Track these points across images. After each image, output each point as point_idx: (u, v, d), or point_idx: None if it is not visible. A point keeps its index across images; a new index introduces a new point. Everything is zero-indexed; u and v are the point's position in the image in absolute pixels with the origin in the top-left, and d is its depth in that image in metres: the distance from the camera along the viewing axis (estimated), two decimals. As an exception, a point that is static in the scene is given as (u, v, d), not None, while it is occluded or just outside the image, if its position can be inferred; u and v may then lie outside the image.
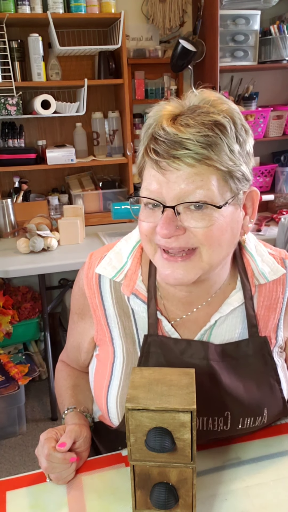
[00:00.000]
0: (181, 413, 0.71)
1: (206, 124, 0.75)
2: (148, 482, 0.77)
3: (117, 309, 0.95)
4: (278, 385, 0.92)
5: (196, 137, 0.73)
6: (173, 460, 0.74)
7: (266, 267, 0.93)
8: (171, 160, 0.74)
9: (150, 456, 0.74)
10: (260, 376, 0.91)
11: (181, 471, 0.76)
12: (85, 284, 0.97)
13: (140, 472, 0.77)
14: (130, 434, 0.74)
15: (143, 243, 0.86)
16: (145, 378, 0.78)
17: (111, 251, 0.97)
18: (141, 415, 0.72)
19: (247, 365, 0.91)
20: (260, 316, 0.94)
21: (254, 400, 0.90)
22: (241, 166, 0.78)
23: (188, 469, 0.75)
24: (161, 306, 0.94)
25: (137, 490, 0.78)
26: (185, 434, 0.72)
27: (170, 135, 0.74)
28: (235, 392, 0.89)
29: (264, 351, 0.92)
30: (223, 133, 0.75)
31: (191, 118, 0.75)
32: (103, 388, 0.96)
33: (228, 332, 0.92)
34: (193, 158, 0.74)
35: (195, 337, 0.93)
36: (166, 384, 0.76)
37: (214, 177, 0.76)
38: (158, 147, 0.75)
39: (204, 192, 0.75)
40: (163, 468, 0.76)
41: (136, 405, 0.72)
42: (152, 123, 0.79)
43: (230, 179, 0.77)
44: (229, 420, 0.89)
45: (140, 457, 0.75)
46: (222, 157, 0.75)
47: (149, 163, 0.79)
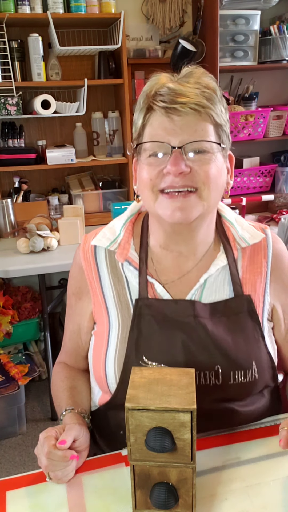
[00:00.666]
0: (181, 413, 0.71)
1: (202, 84, 0.89)
2: (148, 482, 0.77)
3: (112, 277, 1.02)
4: (263, 340, 0.99)
5: (196, 90, 0.87)
6: (173, 460, 0.74)
7: (246, 233, 1.04)
8: (179, 105, 0.85)
9: (150, 456, 0.75)
10: (246, 331, 0.98)
11: (181, 471, 0.76)
12: (82, 258, 1.06)
13: (140, 472, 0.77)
14: (130, 434, 0.74)
15: (143, 192, 0.94)
16: (145, 378, 0.78)
17: (105, 227, 1.08)
18: (141, 415, 0.72)
19: (234, 322, 0.98)
20: (246, 279, 1.02)
21: (242, 354, 0.96)
22: (226, 126, 0.93)
23: (188, 469, 0.75)
24: (153, 271, 1.02)
25: (137, 490, 0.78)
26: (185, 434, 0.72)
27: (174, 89, 0.87)
28: (223, 346, 0.95)
29: (249, 308, 1.00)
30: (215, 93, 0.90)
31: (190, 80, 0.89)
32: (101, 356, 1.01)
33: (217, 292, 1.00)
34: (197, 104, 0.86)
35: (186, 297, 1.00)
36: (166, 384, 0.76)
37: (211, 126, 0.89)
38: (165, 98, 0.87)
39: (205, 135, 0.88)
40: (163, 468, 0.76)
41: (136, 405, 0.72)
42: (153, 85, 0.90)
43: (221, 132, 0.91)
44: (220, 374, 0.94)
45: (140, 457, 0.75)
46: (217, 110, 0.89)
47: (155, 115, 0.89)
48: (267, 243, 1.04)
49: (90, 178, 2.93)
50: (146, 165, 0.91)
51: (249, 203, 2.79)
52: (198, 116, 0.87)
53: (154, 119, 0.89)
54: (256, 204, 2.86)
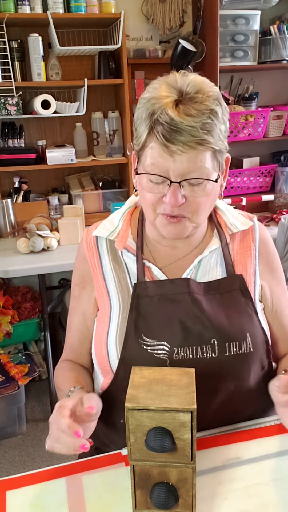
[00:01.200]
0: (181, 413, 0.71)
1: (205, 113, 0.89)
2: (148, 482, 0.77)
3: (112, 264, 1.09)
4: (256, 316, 1.05)
5: (198, 125, 0.88)
6: (173, 460, 0.74)
7: (236, 221, 1.11)
8: (180, 146, 0.88)
9: (150, 456, 0.74)
10: (239, 306, 1.04)
11: (181, 471, 0.75)
12: (86, 248, 1.12)
13: (140, 472, 0.76)
14: (130, 434, 0.74)
15: (147, 211, 1.01)
16: (145, 378, 0.78)
17: (104, 220, 1.14)
18: (141, 415, 0.72)
19: (227, 298, 1.04)
20: (237, 261, 1.09)
21: (236, 326, 1.00)
22: (225, 141, 0.95)
23: (188, 469, 0.75)
24: (150, 257, 1.09)
25: (137, 490, 0.78)
26: (185, 434, 0.72)
27: (177, 122, 0.88)
28: (218, 320, 1.00)
29: (241, 286, 1.06)
30: (216, 119, 0.91)
31: (192, 107, 0.89)
32: (103, 336, 1.05)
33: (210, 273, 1.07)
34: (197, 143, 0.89)
35: (182, 276, 1.06)
36: (166, 384, 0.76)
37: (209, 154, 0.92)
38: (166, 133, 0.88)
39: (202, 169, 0.92)
40: (163, 468, 0.76)
41: (136, 405, 0.72)
42: (157, 109, 0.90)
43: (218, 154, 0.95)
44: (216, 347, 0.98)
45: (140, 457, 0.75)
46: (216, 139, 0.91)
47: (155, 145, 0.91)
48: (254, 228, 1.12)
49: (90, 178, 2.93)
50: (148, 191, 0.97)
51: (249, 203, 2.79)
52: (197, 151, 0.89)
53: (155, 147, 0.91)
54: (256, 204, 2.86)
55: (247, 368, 1.01)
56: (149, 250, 1.09)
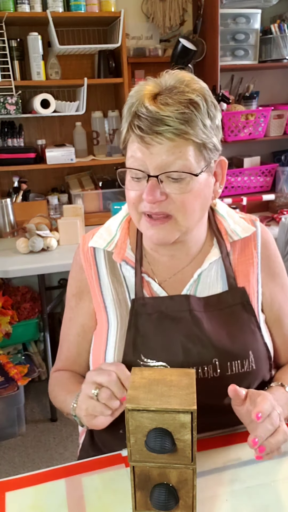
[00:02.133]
0: (181, 413, 0.71)
1: (183, 103, 0.85)
2: (148, 483, 0.76)
3: (110, 277, 1.04)
4: (259, 331, 1.01)
5: (175, 114, 0.84)
6: (173, 461, 0.74)
7: (238, 227, 1.05)
8: (154, 136, 0.85)
9: (150, 457, 0.74)
10: (242, 322, 1.00)
11: (181, 472, 0.75)
12: (83, 258, 1.07)
13: (140, 473, 0.76)
14: (130, 435, 0.73)
15: (129, 211, 0.97)
16: (145, 379, 0.77)
17: (101, 228, 1.09)
18: (141, 416, 0.72)
19: (229, 314, 1.00)
20: (239, 272, 1.04)
21: (238, 344, 0.97)
22: (212, 138, 0.90)
23: (189, 470, 0.74)
24: (149, 270, 1.04)
25: (137, 491, 0.77)
26: (186, 435, 0.72)
27: (152, 112, 0.85)
28: (220, 338, 0.96)
29: (243, 300, 1.01)
30: (197, 110, 0.86)
31: (169, 97, 0.86)
32: (100, 355, 1.01)
33: (211, 287, 1.02)
34: (173, 133, 0.84)
35: (182, 292, 1.02)
36: (166, 385, 0.76)
37: (191, 148, 0.87)
38: (142, 124, 0.85)
39: (183, 162, 0.87)
40: (163, 469, 0.75)
41: (136, 406, 0.71)
42: (135, 102, 0.88)
43: (204, 150, 0.89)
44: (218, 367, 0.95)
45: (140, 458, 0.75)
46: (197, 131, 0.86)
47: (133, 137, 0.89)
48: (256, 234, 1.07)
49: (89, 178, 2.93)
50: (129, 189, 0.93)
51: (250, 202, 2.79)
52: (175, 142, 0.85)
53: (133, 140, 0.89)
54: (257, 204, 2.86)
55: (249, 385, 0.97)
56: (148, 262, 1.04)
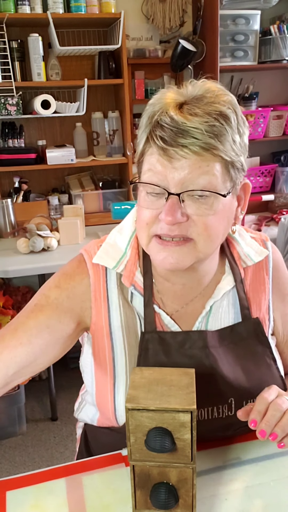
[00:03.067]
0: (181, 413, 0.71)
1: (212, 114, 0.76)
2: (148, 482, 0.77)
3: (121, 299, 0.93)
4: (274, 363, 0.95)
5: (204, 126, 0.75)
6: (173, 460, 0.74)
7: (251, 250, 0.97)
8: (179, 149, 0.75)
9: (150, 456, 0.74)
10: (257, 356, 0.93)
11: (181, 471, 0.75)
12: (92, 274, 0.92)
13: (140, 472, 0.76)
14: (130, 434, 0.74)
15: (139, 231, 0.86)
16: (145, 378, 0.78)
17: (105, 242, 0.95)
18: (141, 415, 0.72)
19: (243, 347, 0.93)
20: (251, 299, 0.96)
21: (254, 381, 0.91)
22: (240, 157, 0.81)
23: (188, 469, 0.75)
24: (159, 300, 0.94)
25: (137, 490, 0.77)
26: (185, 434, 0.72)
27: (177, 123, 0.75)
28: (236, 377, 0.91)
29: (258, 331, 0.94)
30: (228, 124, 0.77)
31: (197, 107, 0.76)
32: (108, 389, 0.94)
33: (223, 318, 0.94)
34: (200, 147, 0.75)
35: (193, 327, 0.94)
36: (166, 384, 0.76)
37: (218, 164, 0.77)
38: (165, 135, 0.75)
39: (209, 178, 0.77)
40: (163, 468, 0.76)
41: (136, 405, 0.72)
42: (157, 110, 0.78)
43: (231, 169, 0.79)
44: (233, 406, 0.91)
45: (140, 457, 0.75)
46: (227, 147, 0.77)
47: (153, 150, 0.78)
48: (269, 257, 0.99)
49: (90, 178, 2.93)
50: (144, 207, 0.82)
51: (249, 203, 2.75)
52: (202, 157, 0.75)
53: (153, 153, 0.78)
54: (256, 204, 2.86)
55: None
56: (157, 290, 0.94)
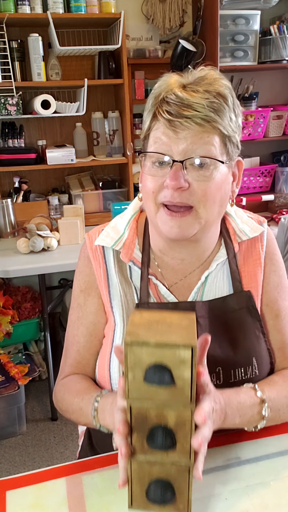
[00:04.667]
0: (181, 349, 0.69)
1: (212, 93, 0.86)
2: (145, 424, 0.74)
3: (119, 276, 1.01)
4: (263, 336, 1.00)
5: (205, 102, 0.84)
6: (171, 400, 0.72)
7: (246, 227, 1.04)
8: (183, 120, 0.84)
9: (148, 394, 0.72)
10: (246, 328, 0.98)
11: (179, 414, 0.72)
12: (91, 255, 1.03)
13: (137, 413, 0.73)
14: (128, 371, 0.71)
15: (146, 202, 0.94)
16: (144, 319, 0.76)
17: (107, 226, 1.05)
18: (140, 350, 0.70)
19: (233, 319, 0.98)
20: (245, 272, 1.02)
21: (242, 351, 0.95)
22: (236, 134, 0.90)
23: (187, 411, 0.72)
24: (157, 273, 1.01)
25: (133, 433, 0.74)
26: (185, 372, 0.70)
27: (182, 99, 0.85)
28: (223, 346, 0.95)
29: (249, 304, 0.99)
30: (226, 102, 0.87)
31: (199, 86, 0.87)
32: (106, 356, 0.99)
33: (218, 289, 1.00)
34: (202, 119, 0.84)
35: (189, 297, 1.00)
36: (166, 324, 0.74)
37: (217, 137, 0.87)
38: (171, 108, 0.85)
39: (209, 148, 0.86)
40: (161, 409, 0.73)
41: (136, 339, 0.69)
42: (163, 89, 0.88)
43: (228, 143, 0.89)
44: (221, 375, 0.94)
45: (138, 396, 0.72)
46: (225, 122, 0.86)
47: (160, 123, 0.87)
48: (263, 235, 1.05)
49: (90, 178, 2.93)
50: (149, 176, 0.90)
51: (249, 203, 2.79)
52: (203, 128, 0.85)
53: (159, 127, 0.87)
54: (256, 204, 2.86)
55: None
56: (157, 264, 1.01)
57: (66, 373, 1.06)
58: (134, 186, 2.77)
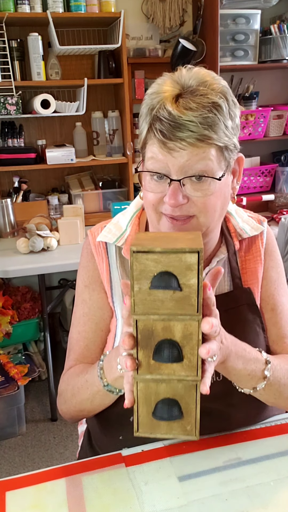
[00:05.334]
0: (187, 254, 0.68)
1: (206, 106, 0.84)
2: (152, 339, 0.73)
3: (121, 272, 1.03)
4: (263, 332, 1.01)
5: (198, 119, 0.82)
6: (178, 311, 0.70)
7: (247, 226, 1.05)
8: (177, 142, 0.83)
9: (153, 307, 0.71)
10: (246, 324, 0.99)
11: (186, 325, 0.71)
12: (94, 251, 1.05)
13: (144, 328, 0.72)
14: (134, 282, 0.70)
15: (148, 211, 0.95)
16: (149, 236, 0.76)
17: (109, 223, 1.07)
18: (146, 258, 0.69)
19: (233, 314, 0.98)
20: (245, 269, 1.03)
21: None
22: (233, 138, 0.89)
23: (194, 322, 0.71)
24: None
25: (139, 350, 0.73)
26: (192, 279, 0.69)
27: (174, 117, 0.83)
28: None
29: (249, 301, 1.01)
30: (220, 113, 0.85)
31: (192, 100, 0.84)
32: (109, 349, 1.01)
33: (218, 285, 1.00)
34: (196, 139, 0.83)
35: None
36: (172, 238, 0.74)
37: (213, 150, 0.85)
38: (164, 128, 0.84)
39: (205, 163, 0.85)
40: (167, 322, 0.71)
41: (141, 247, 0.69)
42: (156, 104, 0.86)
43: (225, 152, 0.88)
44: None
45: (144, 310, 0.71)
46: (220, 135, 0.85)
47: (155, 140, 0.87)
48: (264, 233, 1.07)
49: (90, 178, 2.93)
50: (149, 190, 0.91)
51: (249, 203, 2.79)
52: (198, 146, 0.84)
53: (154, 142, 0.87)
54: (257, 204, 2.86)
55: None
56: None
57: (70, 363, 1.07)
58: (134, 186, 2.77)
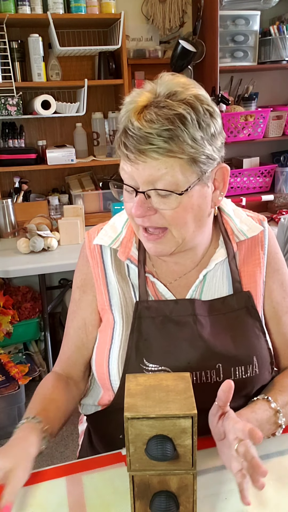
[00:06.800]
0: (182, 419, 0.69)
1: (168, 118, 0.81)
2: (148, 491, 0.75)
3: (117, 275, 1.03)
4: (264, 336, 1.00)
5: (157, 131, 0.80)
6: (173, 468, 0.72)
7: (245, 226, 1.03)
8: (138, 155, 0.82)
9: (150, 465, 0.72)
10: (246, 327, 0.98)
11: (181, 478, 0.74)
12: (89, 255, 1.05)
13: (140, 482, 0.74)
14: (130, 444, 0.71)
15: (130, 220, 0.96)
16: (140, 385, 0.76)
17: (106, 225, 1.07)
18: (141, 424, 0.70)
19: (233, 318, 0.98)
20: (244, 273, 1.02)
21: (242, 349, 0.96)
22: (204, 149, 0.84)
23: (189, 475, 0.73)
24: (153, 272, 1.02)
25: (136, 500, 0.75)
26: (186, 440, 0.71)
27: (135, 129, 0.82)
28: (224, 343, 0.95)
29: (248, 304, 1.00)
30: (184, 124, 0.81)
31: (155, 112, 0.82)
32: (105, 353, 1.01)
33: (217, 288, 1.00)
34: (156, 152, 0.81)
35: (187, 295, 1.00)
36: (163, 390, 0.74)
37: (177, 164, 0.83)
38: (128, 141, 0.83)
39: (169, 179, 0.83)
40: (163, 476, 0.74)
41: (135, 414, 0.69)
42: (123, 114, 0.86)
43: (193, 164, 0.84)
44: (221, 372, 0.94)
45: (140, 467, 0.73)
46: (184, 147, 0.82)
47: (121, 152, 0.87)
48: (264, 233, 1.05)
49: (90, 178, 2.93)
50: (124, 198, 0.92)
51: (249, 203, 2.79)
52: (158, 161, 0.82)
53: (121, 153, 0.87)
54: (256, 204, 2.87)
55: (252, 390, 0.98)
56: (152, 264, 1.03)
57: (56, 366, 1.12)
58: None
